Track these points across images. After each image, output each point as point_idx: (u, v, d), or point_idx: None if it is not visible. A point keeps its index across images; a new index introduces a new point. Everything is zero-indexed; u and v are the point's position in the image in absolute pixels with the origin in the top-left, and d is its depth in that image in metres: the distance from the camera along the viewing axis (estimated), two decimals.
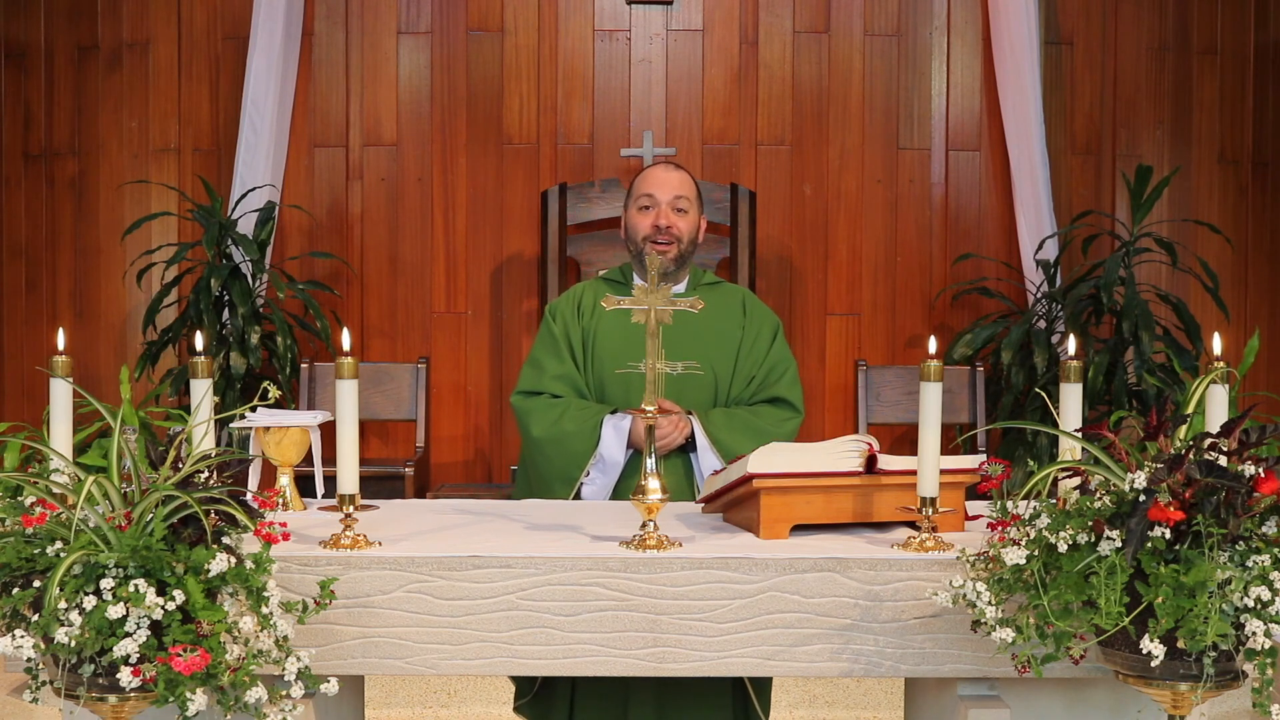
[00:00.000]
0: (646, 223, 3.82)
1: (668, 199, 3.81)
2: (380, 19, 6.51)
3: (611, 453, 3.65)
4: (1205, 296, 6.11)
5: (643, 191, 3.84)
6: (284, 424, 3.29)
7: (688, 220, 3.84)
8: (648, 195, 3.83)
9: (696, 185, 3.91)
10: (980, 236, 6.57)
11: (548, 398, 3.76)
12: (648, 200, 3.83)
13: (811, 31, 6.54)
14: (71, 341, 3.11)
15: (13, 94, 6.68)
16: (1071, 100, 6.57)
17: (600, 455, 3.66)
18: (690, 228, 3.84)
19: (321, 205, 6.54)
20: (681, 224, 3.82)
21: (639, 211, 3.84)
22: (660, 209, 3.80)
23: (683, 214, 3.83)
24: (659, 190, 3.82)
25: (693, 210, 3.85)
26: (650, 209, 3.82)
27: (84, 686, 2.41)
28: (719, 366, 3.81)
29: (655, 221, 3.80)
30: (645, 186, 3.85)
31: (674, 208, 3.81)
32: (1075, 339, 3.04)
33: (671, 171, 3.89)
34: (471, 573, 2.78)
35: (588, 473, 3.66)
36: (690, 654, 2.79)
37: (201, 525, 2.48)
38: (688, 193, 3.84)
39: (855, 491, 2.99)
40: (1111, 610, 2.44)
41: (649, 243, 3.80)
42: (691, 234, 3.85)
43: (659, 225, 3.79)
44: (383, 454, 6.55)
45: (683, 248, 3.81)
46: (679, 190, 3.83)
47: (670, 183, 3.84)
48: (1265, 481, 2.43)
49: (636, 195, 3.86)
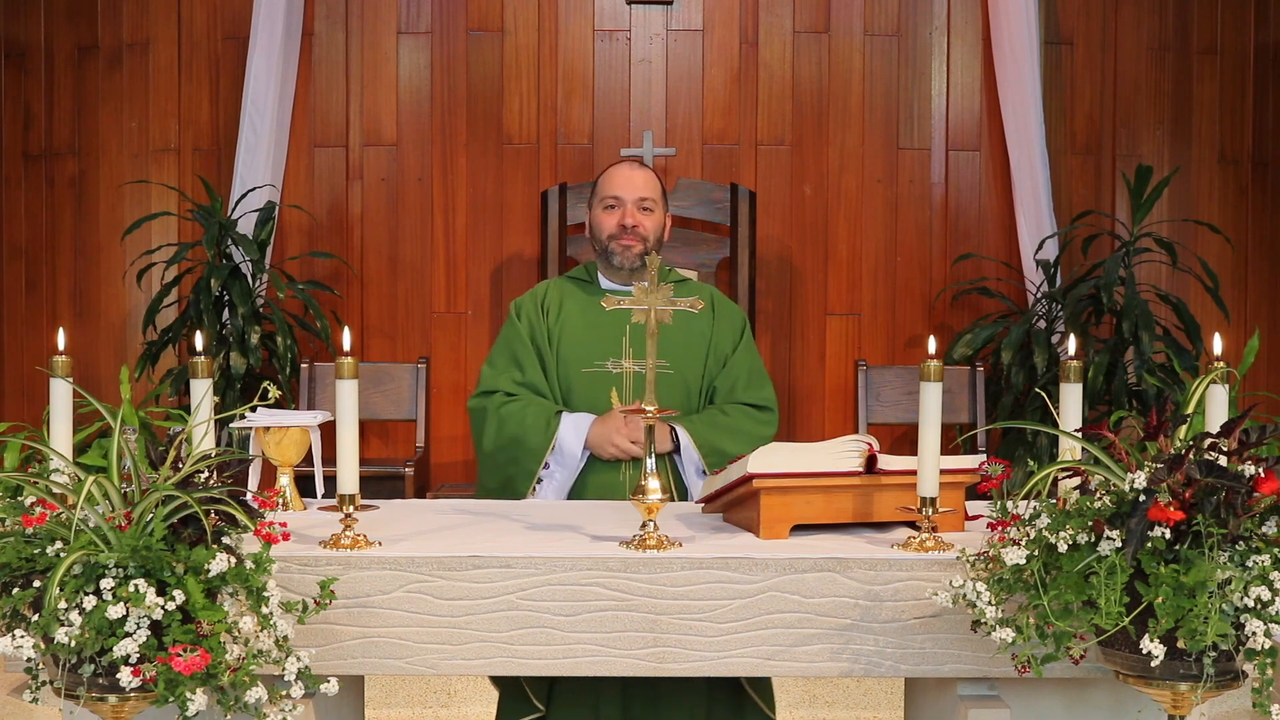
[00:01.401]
0: (612, 222, 3.83)
1: (633, 199, 3.82)
2: (380, 19, 6.51)
3: (570, 444, 3.66)
4: (1205, 296, 6.11)
5: (608, 193, 3.85)
6: (284, 424, 3.29)
7: (653, 219, 3.85)
8: (613, 197, 3.84)
9: (661, 184, 3.92)
10: (980, 236, 6.57)
11: (502, 395, 3.76)
12: (613, 201, 3.84)
13: (811, 31, 6.54)
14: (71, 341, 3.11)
15: (13, 94, 6.68)
16: (1071, 100, 6.57)
17: (559, 447, 3.66)
18: (656, 226, 3.86)
19: (321, 205, 6.54)
20: (647, 222, 3.83)
21: (604, 211, 3.85)
22: (626, 208, 3.81)
23: (648, 213, 3.84)
24: (624, 191, 3.83)
25: (658, 210, 3.86)
26: (615, 208, 3.83)
27: (84, 686, 2.41)
28: (688, 365, 3.81)
29: (621, 221, 3.81)
30: (610, 188, 3.85)
31: (639, 207, 3.82)
32: (1075, 339, 3.04)
33: (636, 171, 3.90)
34: (471, 573, 2.78)
35: (546, 465, 3.66)
36: (690, 654, 2.79)
37: (201, 525, 2.48)
38: (653, 193, 3.86)
39: (855, 491, 2.99)
40: (1111, 610, 2.44)
41: (613, 240, 3.81)
42: (657, 233, 3.86)
43: (625, 225, 3.80)
44: (383, 454, 6.55)
45: (648, 246, 3.82)
46: (644, 191, 3.84)
47: (635, 182, 3.85)
48: (1265, 481, 2.43)
49: (601, 195, 3.87)
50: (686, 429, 3.70)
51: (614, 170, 3.92)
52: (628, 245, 3.80)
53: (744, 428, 3.75)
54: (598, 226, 3.86)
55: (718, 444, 3.68)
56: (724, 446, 3.66)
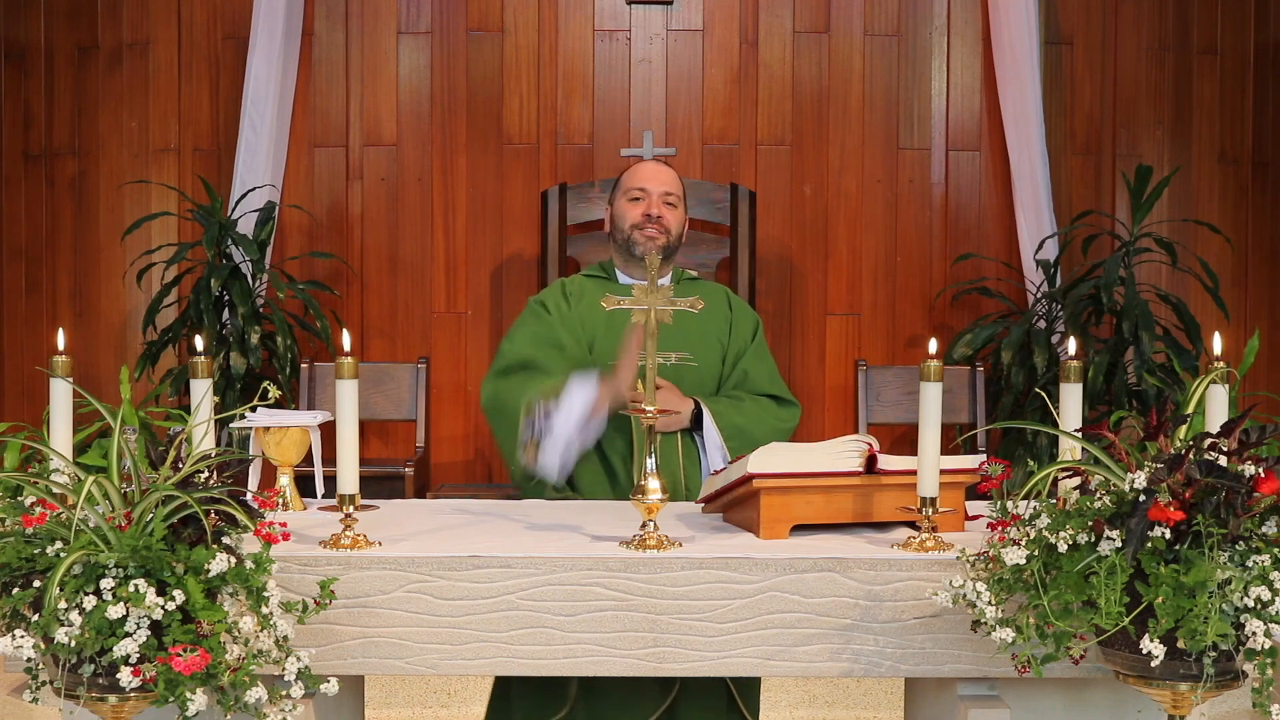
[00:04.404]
0: (637, 212, 3.82)
1: (659, 192, 3.83)
2: (380, 19, 6.51)
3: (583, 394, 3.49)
4: (1205, 296, 6.11)
5: (635, 184, 3.85)
6: (284, 424, 3.29)
7: (676, 215, 3.85)
8: (640, 189, 3.84)
9: (683, 185, 3.93)
10: (980, 236, 6.57)
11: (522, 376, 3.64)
12: (639, 193, 3.83)
13: (811, 31, 6.54)
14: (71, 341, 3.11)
15: (13, 94, 6.68)
16: (1071, 100, 6.58)
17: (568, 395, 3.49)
18: (678, 223, 3.86)
19: (321, 205, 6.54)
20: (671, 217, 3.83)
21: (629, 203, 3.84)
22: (651, 199, 3.81)
23: (672, 208, 3.84)
24: (650, 184, 3.84)
25: (680, 207, 3.87)
26: (641, 200, 3.83)
27: (84, 686, 2.41)
28: (708, 358, 3.81)
29: (646, 211, 3.80)
30: (637, 180, 3.86)
31: (664, 201, 3.83)
32: (1075, 339, 3.04)
33: (662, 168, 3.92)
34: (471, 573, 2.78)
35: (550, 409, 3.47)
36: (690, 654, 2.79)
37: (201, 525, 2.48)
38: (677, 190, 3.87)
39: (855, 491, 2.99)
40: (1111, 610, 2.44)
41: (637, 230, 3.79)
42: (679, 230, 3.86)
43: (650, 214, 3.80)
44: (383, 454, 6.55)
45: (670, 240, 3.82)
46: (669, 187, 3.85)
47: (661, 177, 3.87)
48: (1265, 481, 2.43)
49: (627, 188, 3.86)
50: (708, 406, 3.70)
51: (640, 165, 3.95)
52: (652, 236, 3.80)
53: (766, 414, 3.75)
54: (621, 218, 3.85)
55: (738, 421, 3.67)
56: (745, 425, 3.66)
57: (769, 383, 3.84)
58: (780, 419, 3.79)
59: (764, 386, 3.82)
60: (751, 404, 3.77)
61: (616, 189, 3.91)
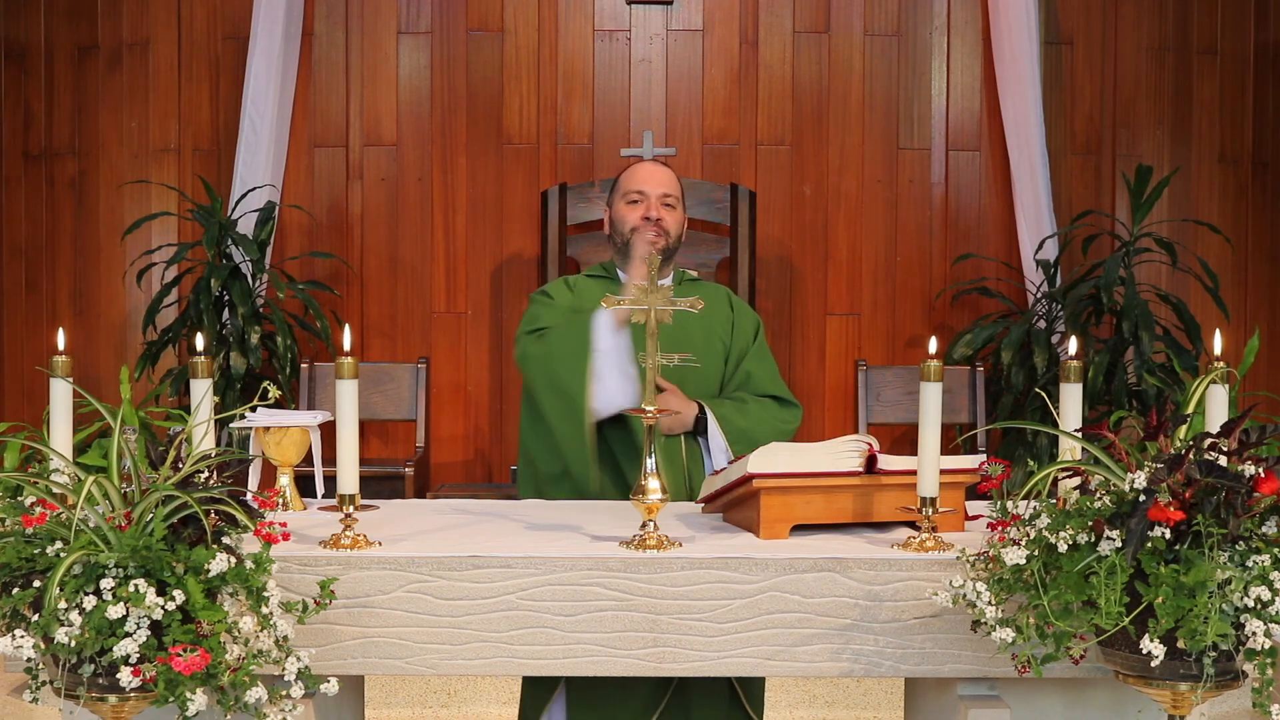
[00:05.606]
0: (636, 215, 3.82)
1: (657, 194, 3.83)
2: (380, 19, 6.51)
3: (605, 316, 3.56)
4: (1205, 296, 6.11)
5: (633, 187, 3.85)
6: (284, 424, 3.29)
7: (675, 216, 3.85)
8: (638, 191, 3.84)
9: (681, 186, 3.93)
10: (980, 236, 6.57)
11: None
12: (637, 195, 3.83)
13: (811, 31, 6.54)
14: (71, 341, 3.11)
15: (13, 94, 6.68)
16: (1071, 100, 6.58)
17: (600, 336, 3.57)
18: (677, 225, 3.86)
19: (321, 205, 6.54)
20: (670, 219, 3.83)
21: (628, 205, 3.84)
22: (650, 201, 3.81)
23: (670, 209, 3.84)
24: (649, 186, 3.84)
25: (679, 208, 3.87)
26: (639, 203, 3.83)
27: (84, 686, 2.41)
28: (708, 363, 3.81)
29: (645, 213, 3.81)
30: (635, 182, 3.86)
31: (663, 203, 3.83)
32: (1075, 339, 3.04)
33: (660, 169, 3.92)
34: (471, 573, 2.78)
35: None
36: (690, 654, 2.79)
37: (201, 525, 2.48)
38: (675, 191, 3.87)
39: (855, 491, 2.99)
40: (1111, 610, 2.44)
41: (636, 234, 3.79)
42: (678, 231, 3.86)
43: (649, 217, 3.80)
44: (383, 454, 6.55)
45: (669, 241, 3.82)
46: (667, 188, 3.85)
47: (659, 178, 3.86)
48: (1265, 481, 2.43)
49: (625, 190, 3.86)
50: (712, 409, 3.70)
51: (638, 167, 3.94)
52: (651, 241, 3.80)
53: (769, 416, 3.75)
54: (620, 220, 3.85)
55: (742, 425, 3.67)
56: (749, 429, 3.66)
57: (771, 384, 3.85)
58: (783, 420, 3.80)
59: (766, 388, 3.83)
60: (755, 406, 3.77)
61: (614, 191, 3.91)
